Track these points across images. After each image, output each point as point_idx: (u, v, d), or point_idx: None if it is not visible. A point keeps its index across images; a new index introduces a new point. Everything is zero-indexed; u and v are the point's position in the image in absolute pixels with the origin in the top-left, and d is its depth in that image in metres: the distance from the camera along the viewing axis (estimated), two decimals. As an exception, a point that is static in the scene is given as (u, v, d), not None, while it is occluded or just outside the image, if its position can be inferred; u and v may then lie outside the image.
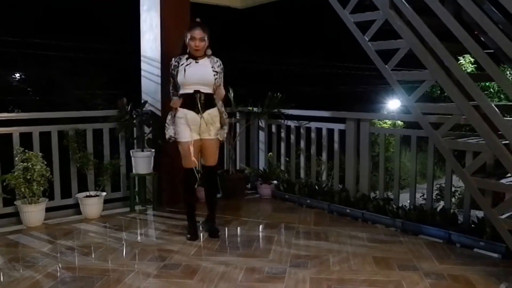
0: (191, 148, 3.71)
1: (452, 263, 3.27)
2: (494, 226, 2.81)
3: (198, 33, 3.62)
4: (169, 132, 3.80)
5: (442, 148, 3.07)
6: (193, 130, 3.73)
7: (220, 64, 3.80)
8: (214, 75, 3.70)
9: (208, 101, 3.71)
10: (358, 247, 3.63)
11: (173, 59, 3.77)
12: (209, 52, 3.74)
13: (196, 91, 3.66)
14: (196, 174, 3.82)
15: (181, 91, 3.72)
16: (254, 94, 5.54)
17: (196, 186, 3.91)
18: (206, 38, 3.66)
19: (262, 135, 5.68)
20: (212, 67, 3.72)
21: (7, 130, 4.34)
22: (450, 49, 2.92)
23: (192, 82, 3.67)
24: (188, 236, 3.82)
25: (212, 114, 3.75)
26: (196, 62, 3.69)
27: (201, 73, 3.68)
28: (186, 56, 3.72)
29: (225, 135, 3.93)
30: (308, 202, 4.85)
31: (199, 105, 3.67)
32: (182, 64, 3.69)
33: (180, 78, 3.67)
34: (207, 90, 3.70)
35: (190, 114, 3.69)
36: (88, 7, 15.96)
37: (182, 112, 3.71)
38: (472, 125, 2.84)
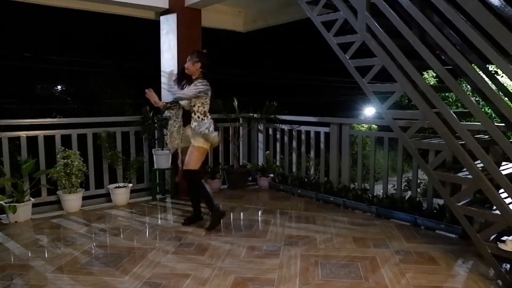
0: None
1: (418, 242, 3.27)
2: (452, 212, 2.80)
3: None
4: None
5: (409, 147, 3.07)
6: None
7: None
8: None
9: None
10: (340, 229, 3.62)
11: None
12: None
13: None
14: None
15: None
16: (254, 103, 5.54)
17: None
18: (191, 59, 3.58)
19: (261, 137, 5.66)
20: None
21: (51, 133, 4.35)
22: (416, 65, 2.91)
23: None
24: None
25: None
26: None
27: None
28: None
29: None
30: (299, 192, 4.84)
31: None
32: None
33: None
34: None
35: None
36: (118, 32, 15.99)
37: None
38: (434, 128, 2.84)
